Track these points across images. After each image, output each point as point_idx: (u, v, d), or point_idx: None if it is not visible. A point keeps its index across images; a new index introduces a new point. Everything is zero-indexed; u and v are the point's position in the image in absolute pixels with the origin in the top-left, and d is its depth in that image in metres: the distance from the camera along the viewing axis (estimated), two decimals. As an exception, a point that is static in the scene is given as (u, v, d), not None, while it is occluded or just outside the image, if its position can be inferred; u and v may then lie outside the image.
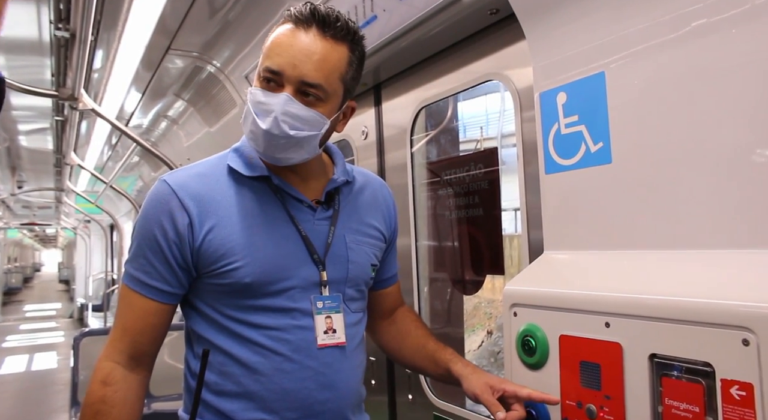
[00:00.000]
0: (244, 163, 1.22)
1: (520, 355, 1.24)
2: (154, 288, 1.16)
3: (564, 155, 1.28)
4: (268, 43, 1.14)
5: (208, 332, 1.19)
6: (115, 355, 1.17)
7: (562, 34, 1.28)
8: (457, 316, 2.35)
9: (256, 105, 1.13)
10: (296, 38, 1.12)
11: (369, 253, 1.31)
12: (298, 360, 1.17)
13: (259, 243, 1.16)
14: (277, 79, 1.11)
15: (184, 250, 1.15)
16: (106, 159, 6.81)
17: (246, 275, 1.14)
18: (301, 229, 1.21)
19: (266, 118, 1.12)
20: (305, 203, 1.23)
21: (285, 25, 1.14)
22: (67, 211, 13.47)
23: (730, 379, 0.85)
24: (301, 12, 1.12)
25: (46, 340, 11.44)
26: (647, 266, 1.08)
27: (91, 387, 1.15)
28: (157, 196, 1.18)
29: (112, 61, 3.23)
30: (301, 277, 1.19)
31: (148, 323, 1.18)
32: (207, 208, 1.16)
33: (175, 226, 1.14)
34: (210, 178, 1.20)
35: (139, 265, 1.17)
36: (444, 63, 1.93)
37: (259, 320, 1.17)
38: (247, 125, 1.16)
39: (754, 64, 0.94)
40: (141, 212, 1.20)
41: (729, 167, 0.98)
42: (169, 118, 4.43)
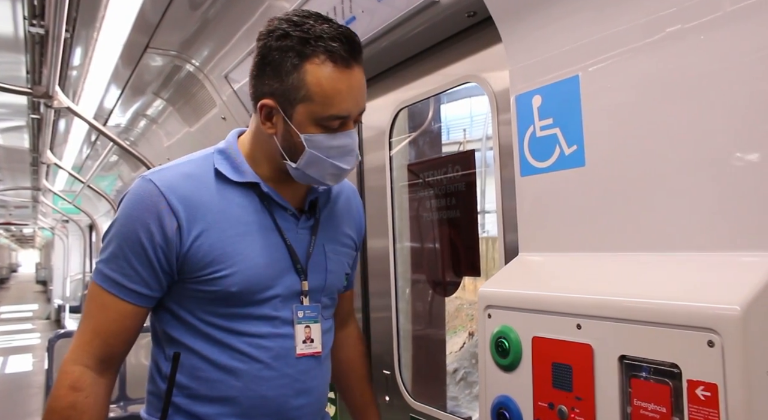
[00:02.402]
0: (231, 168, 1.20)
1: (493, 356, 1.24)
2: (133, 291, 1.12)
3: (539, 158, 1.29)
4: (322, 90, 1.09)
5: (183, 336, 1.17)
6: (85, 359, 1.12)
7: (537, 37, 1.28)
8: (439, 318, 2.36)
9: (328, 150, 1.14)
10: (350, 79, 1.12)
11: (344, 262, 1.34)
12: (277, 367, 1.18)
13: (246, 251, 1.15)
14: (341, 122, 1.14)
15: (170, 255, 1.12)
16: (85, 158, 6.72)
17: (233, 284, 1.13)
18: (286, 238, 1.21)
19: (347, 158, 1.16)
20: (290, 211, 1.23)
21: (326, 65, 1.09)
22: (44, 211, 13.28)
23: (696, 380, 0.86)
24: (341, 51, 1.09)
25: (21, 343, 11.25)
26: (618, 268, 1.09)
27: (59, 392, 1.10)
28: (142, 196, 1.13)
29: (89, 59, 3.19)
30: (284, 286, 1.20)
31: (122, 326, 1.14)
32: (195, 212, 1.13)
33: (163, 230, 1.10)
34: (197, 180, 1.17)
35: (117, 266, 1.12)
36: (422, 65, 1.94)
37: (240, 327, 1.16)
38: (320, 171, 1.15)
39: (726, 69, 0.95)
40: (122, 211, 1.14)
41: (699, 172, 0.99)
42: (149, 117, 4.39)
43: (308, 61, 1.09)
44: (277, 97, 1.13)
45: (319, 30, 1.09)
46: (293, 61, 1.10)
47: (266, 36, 1.13)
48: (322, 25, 1.10)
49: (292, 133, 1.14)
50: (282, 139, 1.16)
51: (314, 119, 1.12)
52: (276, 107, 1.14)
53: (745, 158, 0.93)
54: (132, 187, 1.16)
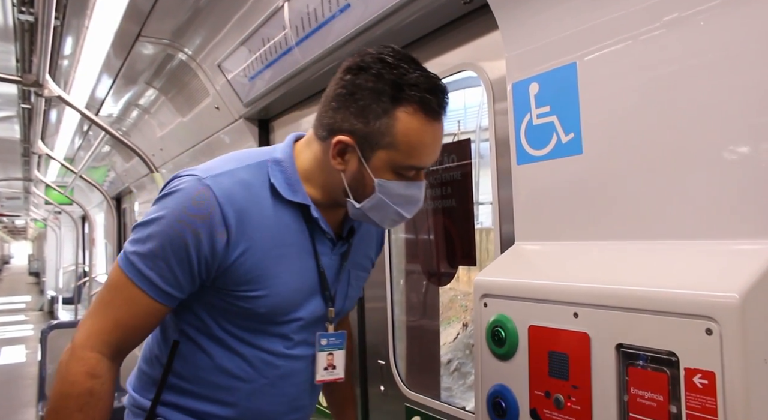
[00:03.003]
0: (286, 184, 1.15)
1: (489, 345, 1.24)
2: (166, 293, 1.08)
3: (535, 146, 1.28)
4: (410, 140, 1.08)
5: (198, 336, 1.17)
6: (102, 347, 1.09)
7: (534, 24, 1.27)
8: (433, 309, 2.35)
9: (397, 197, 1.13)
10: (435, 132, 1.11)
11: (360, 288, 1.36)
12: (280, 386, 1.20)
13: (282, 275, 1.14)
14: (418, 172, 1.15)
15: (211, 266, 1.08)
16: (77, 148, 6.67)
17: (262, 306, 1.13)
18: (321, 264, 1.20)
19: (411, 208, 1.17)
20: (328, 235, 1.21)
21: (417, 116, 1.07)
22: (36, 202, 13.19)
23: (693, 368, 0.86)
24: (434, 103, 1.08)
25: (14, 334, 11.21)
26: (615, 257, 1.09)
27: (75, 378, 1.06)
28: (198, 201, 1.06)
29: (80, 48, 3.15)
30: (308, 311, 1.20)
31: (146, 322, 1.12)
32: (245, 227, 1.09)
33: (212, 242, 1.06)
34: (252, 192, 1.12)
35: (155, 266, 1.07)
36: (418, 53, 1.90)
37: (255, 341, 1.17)
38: (382, 215, 1.15)
39: (725, 57, 0.95)
40: (173, 211, 1.06)
41: (695, 159, 0.99)
42: (141, 107, 4.35)
43: (400, 109, 1.07)
44: (357, 137, 1.09)
45: (414, 78, 1.07)
46: (384, 105, 1.07)
47: (356, 72, 1.09)
48: (416, 71, 1.08)
49: (365, 175, 1.11)
50: (351, 178, 1.13)
51: (392, 166, 1.10)
52: (354, 146, 1.10)
53: (744, 146, 0.93)
54: (185, 186, 1.08)
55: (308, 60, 2.18)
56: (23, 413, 5.94)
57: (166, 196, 1.10)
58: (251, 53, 2.53)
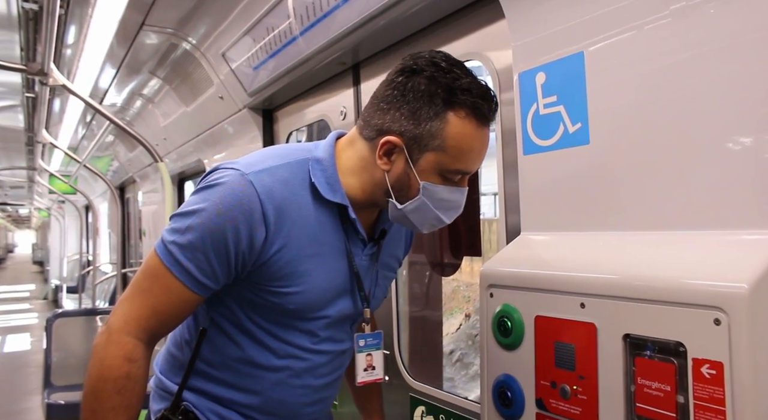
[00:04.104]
0: (326, 183, 1.16)
1: (495, 335, 1.24)
2: (202, 284, 1.10)
3: (542, 136, 1.27)
4: (459, 144, 1.09)
5: (228, 326, 1.19)
6: (139, 333, 1.11)
7: (541, 13, 1.26)
8: (436, 300, 2.36)
9: (439, 202, 1.14)
10: (484, 138, 1.13)
11: (387, 287, 1.38)
12: (303, 378, 1.22)
13: (315, 273, 1.16)
14: (463, 177, 1.15)
15: (248, 261, 1.10)
16: (81, 138, 6.66)
17: (293, 302, 1.14)
18: (355, 264, 1.21)
19: (451, 213, 1.18)
20: (361, 236, 1.22)
21: (469, 121, 1.09)
22: (40, 191, 13.21)
23: (701, 358, 0.86)
24: (485, 109, 1.09)
25: (19, 322, 11.28)
26: (622, 247, 1.09)
27: (113, 361, 1.08)
28: (240, 196, 1.07)
29: (84, 37, 3.13)
30: (336, 309, 1.22)
31: (181, 311, 1.14)
32: (283, 223, 1.10)
33: (251, 239, 1.08)
34: (292, 190, 1.13)
35: (194, 257, 1.08)
36: (424, 42, 1.91)
37: (283, 335, 1.19)
38: (423, 218, 1.16)
39: (731, 46, 0.94)
40: (215, 204, 1.07)
41: (703, 149, 0.98)
42: (145, 96, 4.34)
43: (452, 113, 1.08)
44: (406, 138, 1.10)
45: (467, 83, 1.08)
46: (436, 108, 1.08)
47: (408, 74, 1.11)
48: (468, 77, 1.09)
49: (410, 177, 1.12)
50: (395, 179, 1.14)
51: (439, 170, 1.11)
52: (402, 147, 1.11)
53: (752, 136, 0.92)
54: (228, 181, 1.08)
55: (312, 50, 2.17)
56: (29, 400, 5.99)
57: (208, 188, 1.10)
58: (255, 43, 2.52)
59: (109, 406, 1.08)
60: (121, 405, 1.09)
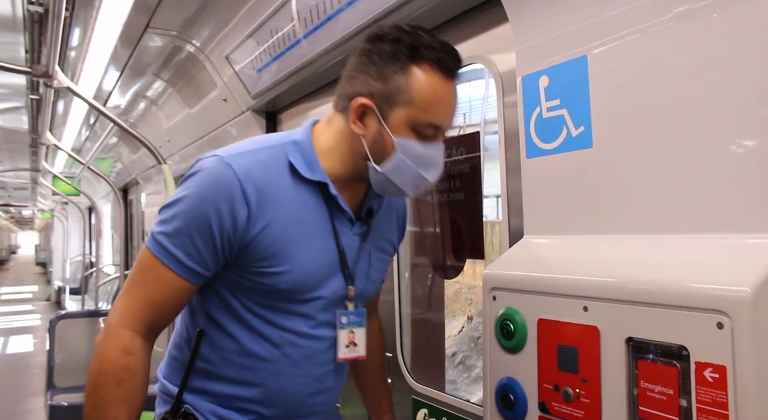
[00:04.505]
0: (304, 163, 1.18)
1: (498, 338, 1.24)
2: (192, 270, 1.12)
3: (545, 139, 1.28)
4: (426, 96, 1.11)
5: (223, 318, 1.19)
6: (136, 325, 1.13)
7: (544, 16, 1.27)
8: (438, 302, 2.36)
9: (417, 157, 1.14)
10: (451, 91, 1.15)
11: (383, 270, 1.37)
12: (303, 365, 1.21)
13: (302, 251, 1.16)
14: (436, 134, 1.15)
15: (233, 241, 1.11)
16: (84, 140, 6.69)
17: (283, 282, 1.14)
18: (340, 242, 1.21)
19: (432, 170, 1.17)
20: (347, 215, 1.23)
21: (433, 73, 1.11)
22: (44, 193, 13.24)
23: (704, 362, 0.86)
24: (451, 61, 1.13)
25: (22, 323, 11.29)
26: (625, 250, 1.09)
27: (111, 355, 1.10)
28: (218, 178, 1.10)
29: (89, 39, 3.15)
30: (330, 290, 1.21)
31: (175, 300, 1.15)
32: (265, 202, 1.12)
33: (233, 218, 1.09)
34: (272, 170, 1.15)
35: (181, 244, 1.11)
36: (427, 45, 1.91)
37: (279, 321, 1.18)
38: (404, 178, 1.16)
39: (734, 50, 0.94)
40: (196, 190, 1.11)
41: (707, 153, 0.98)
42: (148, 98, 4.36)
43: (416, 66, 1.10)
44: (376, 98, 1.12)
45: (429, 40, 1.11)
46: (401, 64, 1.10)
47: (374, 39, 1.14)
48: (431, 37, 1.12)
49: (384, 135, 1.13)
50: (371, 141, 1.15)
51: (411, 124, 1.12)
52: (373, 107, 1.13)
53: (755, 139, 0.92)
54: (207, 166, 1.12)
55: (316, 52, 2.18)
56: (32, 402, 6.00)
57: (190, 177, 1.14)
58: (259, 45, 2.53)
59: (109, 399, 1.09)
60: (120, 397, 1.09)
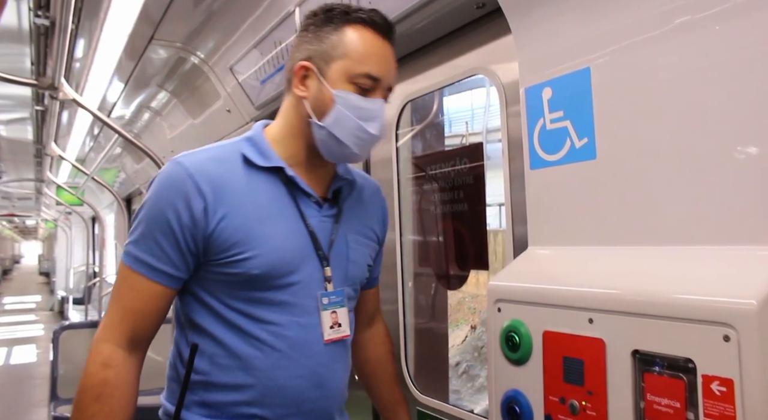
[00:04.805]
0: (257, 153, 1.21)
1: (503, 350, 1.24)
2: (161, 271, 1.14)
3: (549, 151, 1.28)
4: (359, 47, 1.16)
5: (206, 322, 1.19)
6: (115, 337, 1.14)
7: (547, 28, 1.27)
8: (441, 311, 2.35)
9: (357, 110, 1.16)
10: (384, 47, 1.20)
11: (366, 254, 1.35)
12: (294, 357, 1.19)
13: (269, 235, 1.16)
14: (372, 85, 1.17)
15: (196, 235, 1.13)
16: (88, 150, 6.72)
17: (255, 267, 1.14)
18: (309, 223, 1.22)
19: (373, 123, 1.18)
20: (313, 198, 1.24)
21: (365, 30, 1.18)
22: (47, 203, 13.29)
23: (711, 375, 0.86)
24: (381, 21, 1.19)
25: (25, 333, 11.29)
26: (631, 262, 1.09)
27: (90, 369, 1.11)
28: (171, 177, 1.14)
29: (93, 51, 3.17)
30: (306, 273, 1.21)
31: (151, 306, 1.16)
32: (221, 193, 1.14)
33: (190, 211, 1.12)
34: (224, 164, 1.19)
35: (146, 247, 1.14)
36: (430, 57, 1.92)
37: (260, 314, 1.17)
38: (346, 130, 1.17)
39: (738, 61, 0.94)
40: (152, 192, 1.16)
41: (712, 164, 0.98)
42: (153, 109, 4.38)
43: (349, 25, 1.18)
44: (314, 59, 1.19)
45: (358, 8, 1.20)
46: (335, 25, 1.18)
47: (309, 16, 1.23)
48: (360, 8, 1.21)
49: (324, 91, 1.17)
50: (313, 100, 1.19)
51: (348, 76, 1.16)
52: (312, 68, 1.19)
53: (761, 149, 0.92)
54: (162, 171, 1.17)
55: (320, 63, 2.19)
56: (35, 413, 5.99)
57: (150, 185, 1.19)
58: (263, 56, 2.55)
59: (88, 415, 1.09)
60: (101, 412, 1.09)
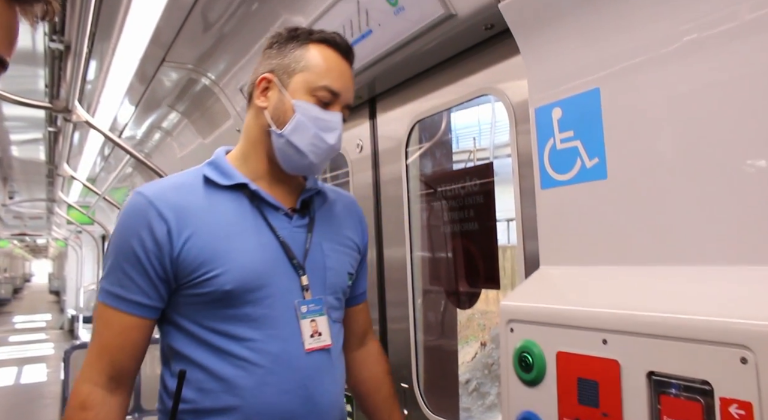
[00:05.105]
0: (219, 174, 1.23)
1: (517, 371, 1.23)
2: (133, 302, 1.13)
3: (559, 170, 1.28)
4: (320, 62, 1.22)
5: (187, 348, 1.17)
6: (94, 377, 1.13)
7: (556, 50, 1.28)
8: (451, 329, 2.35)
9: (315, 120, 1.20)
10: (344, 65, 1.25)
11: (345, 262, 1.34)
12: (279, 372, 1.16)
13: (238, 250, 1.16)
14: (332, 99, 1.22)
15: (163, 260, 1.13)
16: (99, 170, 6.78)
17: (226, 282, 1.13)
18: (279, 235, 1.22)
19: (331, 134, 1.22)
20: (282, 210, 1.25)
21: (327, 48, 1.24)
22: (58, 222, 13.38)
23: (729, 398, 0.85)
24: (342, 42, 1.25)
25: (35, 352, 11.31)
26: (644, 282, 1.08)
27: (68, 413, 1.10)
28: (133, 208, 1.16)
29: (105, 73, 3.22)
30: (281, 284, 1.19)
31: (127, 340, 1.15)
32: (184, 217, 1.15)
33: (153, 236, 1.13)
34: (186, 189, 1.20)
35: (116, 279, 1.14)
36: (439, 77, 1.94)
37: (239, 332, 1.16)
38: (304, 138, 1.20)
39: (747, 79, 0.95)
40: (117, 226, 1.18)
41: (725, 182, 0.98)
42: (163, 129, 4.42)
43: (312, 43, 1.23)
44: (276, 71, 1.23)
45: (320, 30, 1.26)
46: (299, 41, 1.24)
47: (276, 35, 1.28)
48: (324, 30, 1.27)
49: (284, 101, 1.21)
50: (273, 110, 1.23)
51: (309, 88, 1.20)
52: (273, 80, 1.23)
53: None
54: (126, 202, 1.19)
55: (329, 84, 2.21)
56: (44, 433, 5.98)
57: (117, 221, 1.20)
58: (273, 77, 2.57)
59: None
60: None
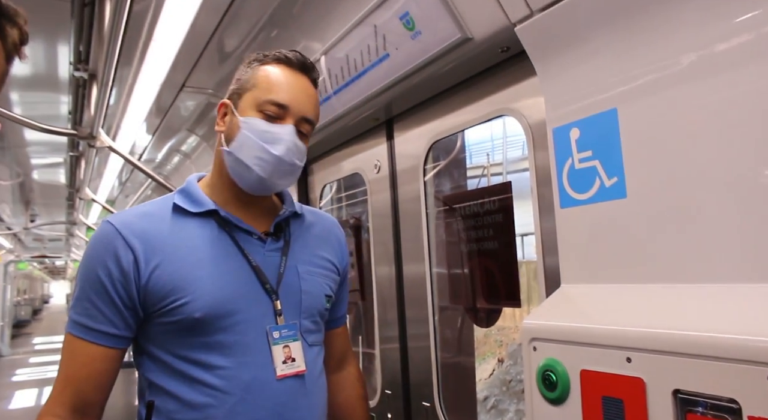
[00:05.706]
0: (189, 201, 1.23)
1: (540, 389, 1.24)
2: (99, 332, 1.12)
3: (579, 190, 1.30)
4: (267, 78, 1.22)
5: (160, 378, 1.15)
6: (56, 409, 1.11)
7: (573, 71, 1.31)
8: (468, 345, 2.34)
9: (262, 133, 1.19)
10: (295, 78, 1.23)
11: (322, 284, 1.31)
12: (251, 400, 1.14)
13: (207, 277, 1.14)
14: (280, 113, 1.20)
15: (129, 288, 1.12)
16: (118, 193, 6.88)
17: (195, 310, 1.12)
18: (252, 259, 1.20)
19: (277, 146, 1.18)
20: (255, 235, 1.24)
21: (277, 65, 1.23)
22: (77, 244, 13.54)
23: (758, 417, 0.85)
24: (295, 59, 1.24)
25: (55, 373, 11.35)
26: (666, 300, 1.09)
27: None
28: (100, 237, 1.15)
29: (127, 98, 3.30)
30: (253, 310, 1.18)
31: (93, 370, 1.12)
32: (152, 245, 1.14)
33: (119, 265, 1.11)
34: (155, 217, 1.20)
35: (82, 309, 1.12)
36: (456, 98, 1.97)
37: (211, 360, 1.13)
38: (249, 152, 1.19)
39: (765, 96, 0.96)
40: (84, 255, 1.16)
41: (746, 199, 0.99)
42: (182, 152, 4.50)
43: (264, 64, 1.24)
44: (231, 96, 1.25)
45: (277, 51, 1.26)
46: (252, 65, 1.25)
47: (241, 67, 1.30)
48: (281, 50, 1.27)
49: (234, 121, 1.22)
50: (227, 131, 1.24)
51: (256, 104, 1.20)
52: (229, 104, 1.24)
53: (793, 189, 0.93)
54: (95, 232, 1.19)
55: (346, 107, 2.24)
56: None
57: (85, 250, 1.20)
58: (291, 101, 2.62)
59: None
60: None
